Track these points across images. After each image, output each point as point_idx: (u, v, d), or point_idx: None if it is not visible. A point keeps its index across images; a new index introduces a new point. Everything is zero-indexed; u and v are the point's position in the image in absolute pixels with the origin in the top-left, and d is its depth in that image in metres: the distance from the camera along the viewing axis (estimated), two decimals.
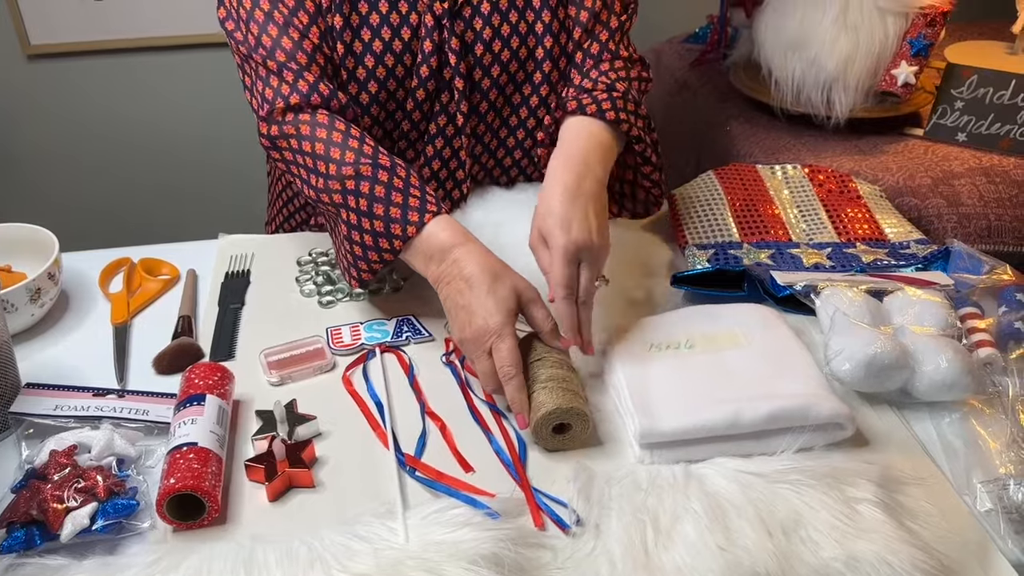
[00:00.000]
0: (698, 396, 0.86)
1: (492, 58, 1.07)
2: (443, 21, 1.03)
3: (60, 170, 2.23)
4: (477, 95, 1.08)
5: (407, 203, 0.93)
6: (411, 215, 0.92)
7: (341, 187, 0.95)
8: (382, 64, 1.03)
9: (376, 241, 0.94)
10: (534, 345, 0.91)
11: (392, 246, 0.94)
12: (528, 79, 1.10)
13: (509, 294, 0.88)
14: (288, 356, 0.96)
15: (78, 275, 1.13)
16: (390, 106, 1.07)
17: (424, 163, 1.12)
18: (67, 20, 2.00)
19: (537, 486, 0.81)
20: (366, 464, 0.84)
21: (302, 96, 0.99)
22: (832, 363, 0.89)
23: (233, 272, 1.13)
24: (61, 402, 0.90)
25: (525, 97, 1.11)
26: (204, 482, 0.77)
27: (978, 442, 0.85)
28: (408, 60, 1.04)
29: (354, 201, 0.94)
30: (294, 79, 0.99)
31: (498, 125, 1.13)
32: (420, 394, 0.93)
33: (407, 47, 1.04)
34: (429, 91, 1.06)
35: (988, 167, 1.40)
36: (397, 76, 1.05)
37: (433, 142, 1.10)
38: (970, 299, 1.01)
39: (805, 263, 1.09)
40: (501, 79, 1.08)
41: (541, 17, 1.06)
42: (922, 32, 1.45)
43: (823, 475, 0.79)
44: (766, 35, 1.53)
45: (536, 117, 1.13)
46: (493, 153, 1.16)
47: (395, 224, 0.93)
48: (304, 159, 0.98)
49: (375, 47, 1.03)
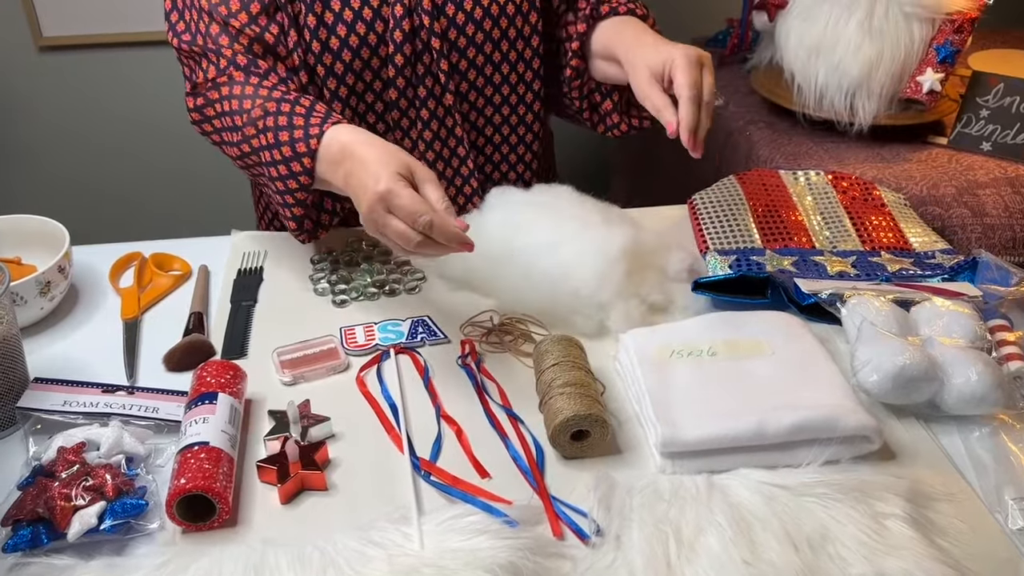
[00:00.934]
0: (721, 405, 0.84)
1: (465, 17, 1.09)
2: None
3: (72, 163, 2.22)
4: (455, 55, 1.11)
5: (308, 122, 0.95)
6: (312, 130, 0.95)
7: (255, 130, 0.98)
8: (353, 32, 1.05)
9: (290, 167, 0.96)
10: (551, 349, 0.89)
11: (304, 166, 0.95)
12: (504, 35, 1.13)
13: (397, 163, 0.86)
14: (301, 356, 0.94)
15: (88, 269, 1.12)
16: (366, 75, 1.08)
17: (422, 127, 1.13)
18: (79, 12, 1.99)
19: (555, 494, 0.79)
20: (380, 467, 0.82)
21: (219, 70, 1.03)
22: (859, 374, 0.87)
23: (246, 269, 1.11)
24: (70, 398, 0.88)
25: (504, 53, 1.15)
26: (215, 483, 0.75)
27: (1009, 458, 0.83)
28: (380, 27, 1.05)
29: (265, 139, 0.97)
30: (216, 58, 1.03)
31: (482, 83, 1.16)
32: (435, 397, 0.91)
33: (377, 13, 1.05)
34: (407, 56, 1.07)
35: (1013, 177, 1.38)
36: (370, 43, 1.06)
37: (426, 104, 1.12)
38: (999, 311, 0.99)
39: (830, 271, 1.07)
40: (477, 37, 1.11)
41: None
42: (949, 38, 1.43)
43: (850, 489, 0.77)
44: (789, 39, 1.51)
45: (517, 72, 1.17)
46: (482, 111, 1.18)
47: (300, 143, 0.95)
48: (223, 120, 1.02)
49: (345, 16, 1.04)
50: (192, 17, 1.05)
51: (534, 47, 1.16)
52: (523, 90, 1.19)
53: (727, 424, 0.81)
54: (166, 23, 1.08)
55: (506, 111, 1.20)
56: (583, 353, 0.90)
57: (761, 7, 1.61)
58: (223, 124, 1.03)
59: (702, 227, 1.16)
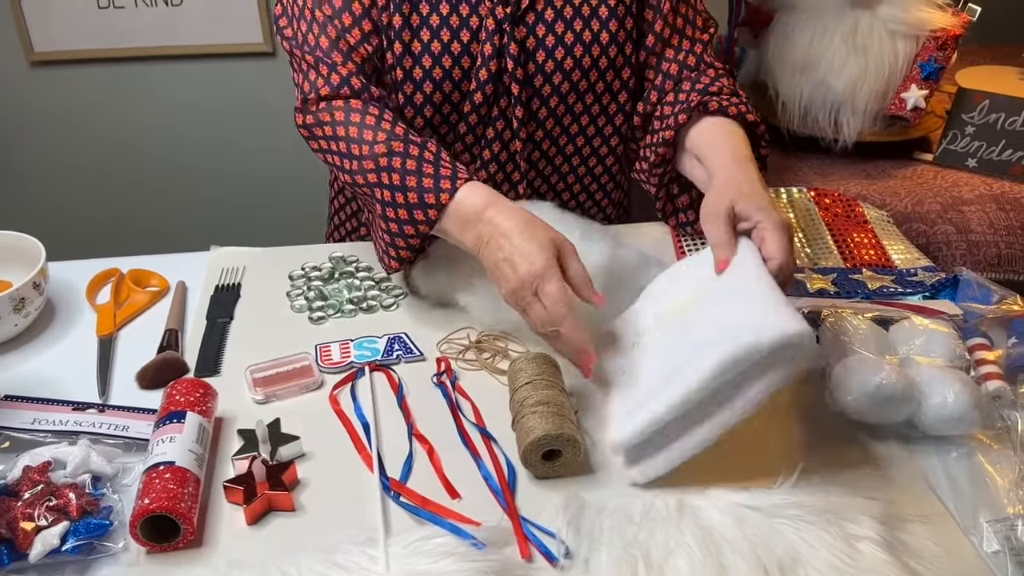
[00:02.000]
0: (649, 387, 0.82)
1: (555, 65, 1.07)
2: (504, 25, 1.02)
3: (59, 178, 2.22)
4: (536, 101, 1.09)
5: (439, 173, 0.94)
6: (443, 183, 0.93)
7: (375, 165, 0.97)
8: (439, 65, 1.04)
9: (411, 214, 0.95)
10: (525, 367, 0.88)
11: (427, 216, 0.94)
12: (591, 88, 1.10)
13: (548, 242, 0.87)
14: (274, 373, 0.94)
15: (66, 285, 1.11)
16: (445, 108, 1.07)
17: (480, 166, 1.12)
18: (71, 28, 1.99)
19: (526, 515, 0.78)
20: (349, 487, 0.81)
21: (332, 88, 1.02)
22: (836, 393, 0.86)
23: (223, 285, 1.11)
24: (39, 415, 0.87)
25: (587, 106, 1.12)
26: (180, 503, 0.74)
27: (985, 479, 0.82)
28: (466, 63, 1.05)
29: (387, 177, 0.96)
30: (328, 72, 1.02)
31: (558, 133, 1.13)
32: (408, 415, 0.90)
33: (466, 49, 1.04)
34: (487, 95, 1.06)
35: (999, 194, 1.38)
36: (454, 78, 1.05)
37: (491, 146, 1.11)
38: (979, 329, 0.98)
39: (810, 288, 1.06)
40: (563, 87, 1.09)
41: (608, 26, 1.06)
42: (933, 55, 1.43)
43: (823, 510, 0.76)
44: (773, 56, 1.51)
45: (596, 126, 1.14)
46: (551, 160, 1.16)
47: (428, 194, 0.94)
48: (338, 144, 1.00)
49: (433, 48, 1.03)
50: (302, 28, 1.05)
51: (620, 103, 1.12)
52: (599, 143, 1.16)
53: (652, 406, 0.78)
54: (274, 26, 1.10)
55: (576, 162, 1.17)
56: (558, 371, 0.90)
57: (746, 24, 1.61)
58: (334, 148, 1.02)
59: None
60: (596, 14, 1.06)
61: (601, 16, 1.06)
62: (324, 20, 1.03)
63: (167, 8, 1.99)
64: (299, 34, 1.05)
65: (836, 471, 0.83)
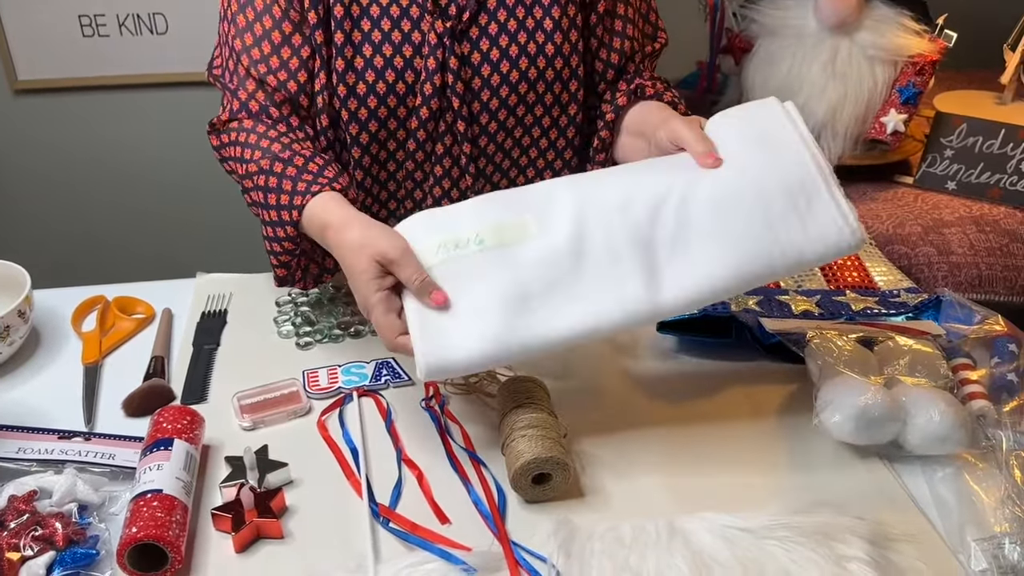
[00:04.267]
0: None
1: (500, 79, 1.07)
2: (444, 40, 1.03)
3: (44, 206, 2.21)
4: (485, 115, 1.09)
5: (295, 188, 0.96)
6: (296, 199, 0.95)
7: (252, 184, 1.00)
8: (382, 79, 1.04)
9: (274, 231, 0.98)
10: (514, 390, 0.88)
11: (287, 232, 0.97)
12: (539, 100, 1.11)
13: (368, 268, 0.86)
14: (262, 400, 0.93)
15: (51, 313, 1.11)
16: (391, 124, 1.07)
17: (434, 182, 1.12)
18: (55, 56, 1.99)
19: (516, 539, 0.78)
20: (338, 514, 0.81)
21: (231, 113, 1.04)
22: (822, 414, 0.87)
23: (210, 312, 1.10)
24: (25, 444, 0.87)
25: (537, 118, 1.12)
26: (167, 531, 0.73)
27: (972, 498, 0.82)
28: (410, 77, 1.05)
29: (260, 196, 0.99)
30: (231, 100, 1.05)
31: (510, 145, 1.13)
32: (397, 440, 0.90)
33: (409, 64, 1.04)
34: (433, 110, 1.06)
35: (978, 216, 1.40)
36: (398, 93, 1.05)
37: (441, 161, 1.11)
38: (962, 349, 0.99)
39: (794, 310, 1.07)
40: (510, 99, 1.09)
41: (553, 39, 1.07)
42: (911, 80, 1.46)
43: (812, 531, 0.76)
44: (755, 82, 1.54)
45: (548, 138, 1.14)
46: (506, 172, 1.16)
47: (284, 211, 0.96)
48: (234, 165, 1.04)
49: (376, 63, 1.04)
50: (225, 54, 1.07)
51: (571, 115, 1.13)
52: (552, 157, 1.16)
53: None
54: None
55: (531, 173, 1.17)
56: (547, 395, 0.90)
57: (727, 51, 1.64)
58: (231, 168, 1.06)
59: None
60: (541, 27, 1.07)
61: (546, 29, 1.07)
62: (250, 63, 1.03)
63: (152, 36, 1.99)
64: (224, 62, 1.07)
65: (824, 492, 0.83)
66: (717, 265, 0.82)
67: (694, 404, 0.96)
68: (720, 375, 1.00)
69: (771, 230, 0.81)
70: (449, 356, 0.79)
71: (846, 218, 0.81)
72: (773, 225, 0.81)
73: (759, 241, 0.81)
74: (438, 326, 0.81)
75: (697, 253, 0.82)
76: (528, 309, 0.81)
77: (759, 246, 0.81)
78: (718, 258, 0.82)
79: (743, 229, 0.82)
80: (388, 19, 1.03)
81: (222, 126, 1.06)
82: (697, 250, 0.82)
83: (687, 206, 0.83)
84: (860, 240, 0.81)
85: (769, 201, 0.82)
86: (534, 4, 1.06)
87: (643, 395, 0.97)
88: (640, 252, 0.83)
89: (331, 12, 1.01)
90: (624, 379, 0.99)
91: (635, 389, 0.98)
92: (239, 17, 1.03)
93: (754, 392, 0.97)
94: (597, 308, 0.81)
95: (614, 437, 0.90)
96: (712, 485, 0.84)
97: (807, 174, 0.82)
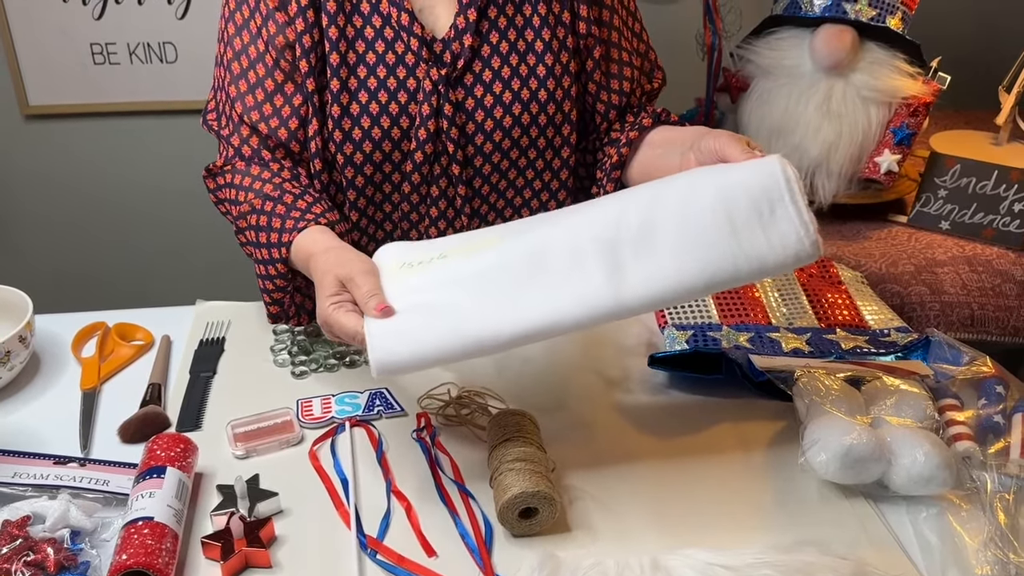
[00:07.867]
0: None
1: (494, 124, 1.09)
2: (439, 87, 1.05)
3: (49, 231, 2.23)
4: (480, 159, 1.11)
5: (283, 226, 1.00)
6: (284, 236, 1.00)
7: (245, 224, 1.05)
8: (377, 125, 1.06)
9: (266, 269, 1.04)
10: (504, 423, 0.89)
11: (278, 270, 1.03)
12: (532, 144, 1.13)
13: (331, 283, 0.89)
14: (255, 428, 0.95)
15: (52, 338, 1.12)
16: (386, 167, 1.10)
17: (429, 224, 1.14)
18: (66, 82, 2.02)
19: (501, 573, 0.78)
20: (327, 544, 0.82)
21: (226, 159, 1.09)
22: (808, 453, 0.88)
23: (208, 339, 1.12)
24: (20, 469, 0.88)
25: (531, 161, 1.14)
26: (157, 559, 0.74)
27: (955, 540, 0.83)
28: (405, 123, 1.07)
29: (252, 235, 1.04)
30: (225, 147, 1.10)
31: (504, 187, 1.15)
32: (387, 471, 0.91)
33: (404, 110, 1.06)
34: (427, 154, 1.08)
35: (971, 256, 1.41)
36: (393, 138, 1.07)
37: (436, 204, 1.13)
38: (950, 390, 1.00)
39: (784, 348, 1.09)
40: (504, 144, 1.11)
41: (546, 85, 1.09)
42: (905, 122, 1.48)
43: (795, 570, 0.77)
44: (750, 120, 1.56)
45: (542, 180, 1.16)
46: (500, 213, 1.18)
47: (274, 248, 1.01)
48: (228, 207, 1.09)
49: (371, 109, 1.06)
50: (220, 98, 1.11)
51: (564, 157, 1.15)
52: (547, 197, 1.18)
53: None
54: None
55: (525, 214, 1.19)
56: (537, 428, 0.91)
57: (724, 90, 1.66)
58: (226, 209, 1.11)
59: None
60: (534, 73, 1.09)
61: (539, 75, 1.10)
62: (244, 110, 1.07)
63: (161, 64, 2.03)
64: (220, 107, 1.11)
65: (808, 530, 0.84)
66: (682, 264, 0.81)
67: (683, 440, 0.97)
68: (710, 411, 1.01)
69: (735, 235, 0.81)
70: (401, 350, 0.79)
71: (807, 228, 0.81)
72: (737, 230, 0.81)
73: (723, 244, 0.81)
74: (394, 323, 0.81)
75: (662, 252, 0.81)
76: (484, 305, 0.81)
77: (723, 248, 0.81)
78: (683, 258, 0.81)
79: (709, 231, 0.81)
80: (384, 66, 1.05)
81: (217, 170, 1.11)
82: (662, 249, 0.82)
83: (653, 209, 0.83)
84: (817, 252, 0.81)
85: (734, 204, 0.82)
86: (528, 51, 1.08)
87: (633, 429, 0.98)
88: (604, 250, 0.82)
89: (327, 60, 1.04)
90: (615, 413, 1.00)
91: (625, 423, 0.99)
92: (234, 64, 1.07)
93: (743, 429, 0.98)
94: (556, 304, 0.81)
95: (603, 471, 0.91)
96: (698, 521, 0.85)
97: (775, 183, 0.83)
